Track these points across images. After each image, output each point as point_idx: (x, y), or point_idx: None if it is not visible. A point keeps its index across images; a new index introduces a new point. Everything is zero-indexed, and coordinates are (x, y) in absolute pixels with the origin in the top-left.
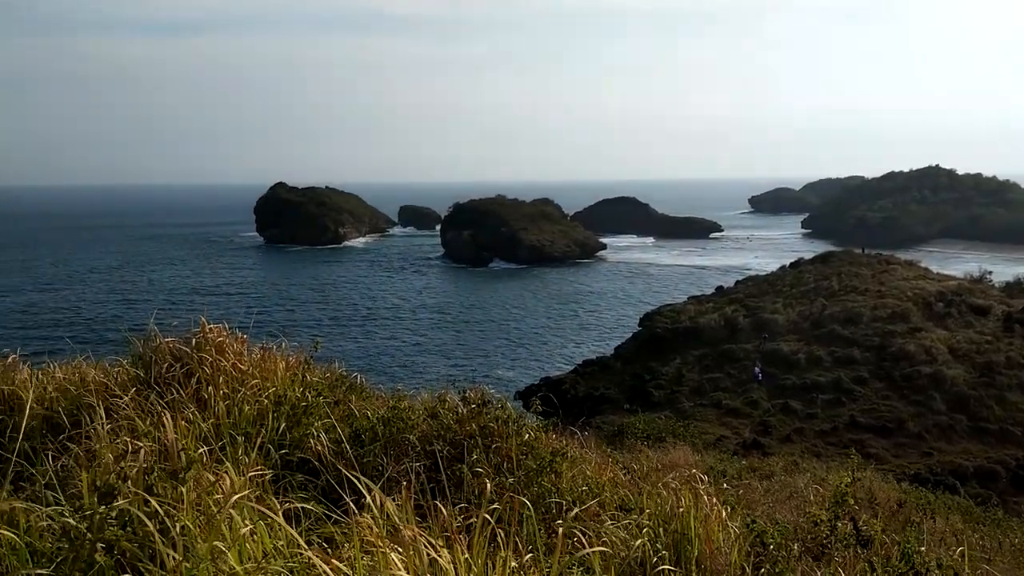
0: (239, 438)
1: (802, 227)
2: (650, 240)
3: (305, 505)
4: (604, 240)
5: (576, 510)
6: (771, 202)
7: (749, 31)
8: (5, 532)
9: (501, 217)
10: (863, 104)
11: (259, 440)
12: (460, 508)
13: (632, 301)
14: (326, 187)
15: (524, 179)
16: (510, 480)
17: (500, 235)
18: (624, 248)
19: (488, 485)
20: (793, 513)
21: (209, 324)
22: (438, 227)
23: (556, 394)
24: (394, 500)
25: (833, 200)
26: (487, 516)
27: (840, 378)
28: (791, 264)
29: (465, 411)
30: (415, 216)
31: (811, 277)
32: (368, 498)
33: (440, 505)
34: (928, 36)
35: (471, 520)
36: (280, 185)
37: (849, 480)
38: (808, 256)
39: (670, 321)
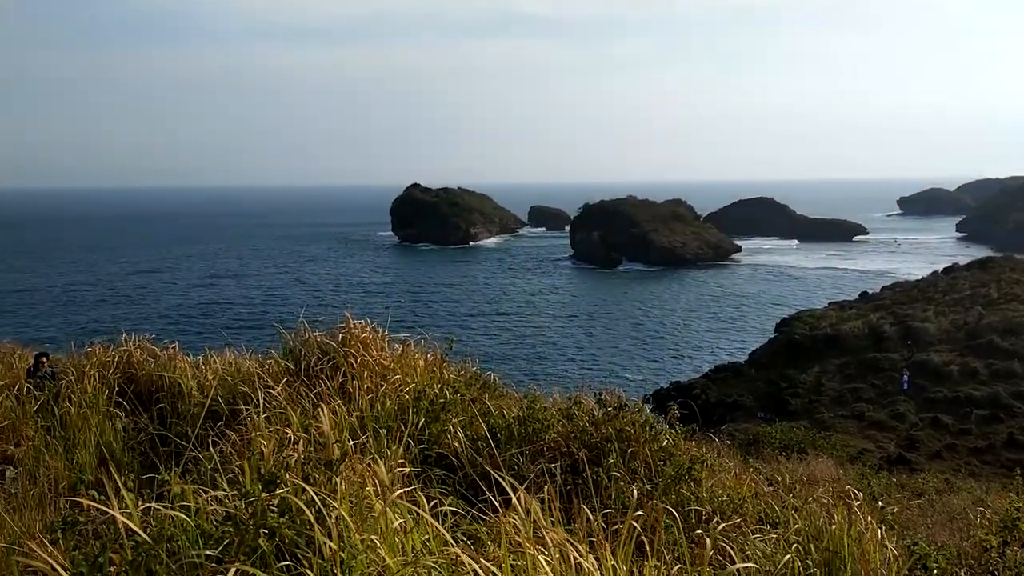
0: (382, 432)
1: (957, 230)
2: (792, 243)
3: (447, 501)
4: (739, 242)
5: (720, 522)
6: (923, 203)
7: (903, 22)
8: (177, 513)
9: (631, 218)
10: None
11: (401, 434)
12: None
13: (768, 306)
14: (458, 188)
15: (655, 179)
16: (648, 487)
17: (630, 236)
18: (760, 251)
19: (634, 491)
20: (956, 537)
21: (353, 320)
22: (568, 228)
23: (686, 399)
24: (539, 501)
25: (992, 202)
26: (633, 523)
27: (998, 393)
28: (944, 270)
29: (601, 414)
30: (545, 216)
31: (967, 284)
32: (513, 498)
33: (585, 509)
34: None
35: (616, 526)
36: (415, 186)
37: (1020, 503)
38: (963, 261)
39: (809, 327)
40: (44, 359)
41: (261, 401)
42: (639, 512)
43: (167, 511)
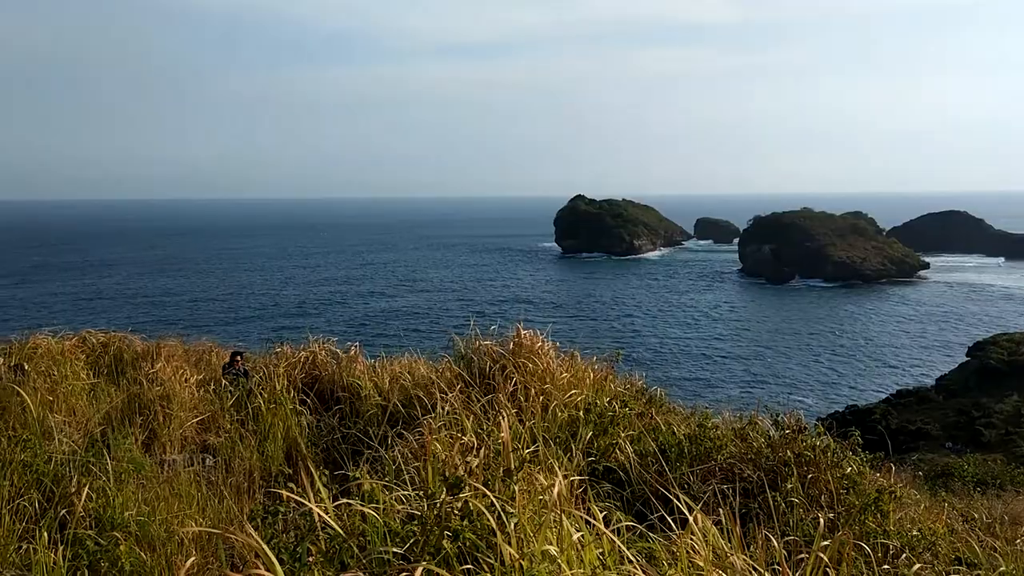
0: (552, 442)
1: None
2: (995, 261)
3: (614, 516)
4: (927, 259)
5: (909, 559)
6: None
7: None
8: (368, 510)
9: (806, 231)
10: None
11: (570, 446)
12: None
13: (959, 327)
14: (623, 199)
15: (831, 191)
16: (829, 515)
17: (804, 250)
18: (951, 268)
19: (821, 520)
20: None
21: (523, 330)
22: (735, 240)
23: (864, 425)
24: (716, 523)
25: None
26: (820, 554)
27: None
28: None
29: (778, 436)
30: (711, 229)
31: None
32: (690, 518)
33: (769, 535)
34: None
35: (800, 556)
36: (579, 197)
37: None
38: None
39: (1007, 352)
40: (239, 357)
41: (437, 406)
42: (826, 542)
43: (358, 507)
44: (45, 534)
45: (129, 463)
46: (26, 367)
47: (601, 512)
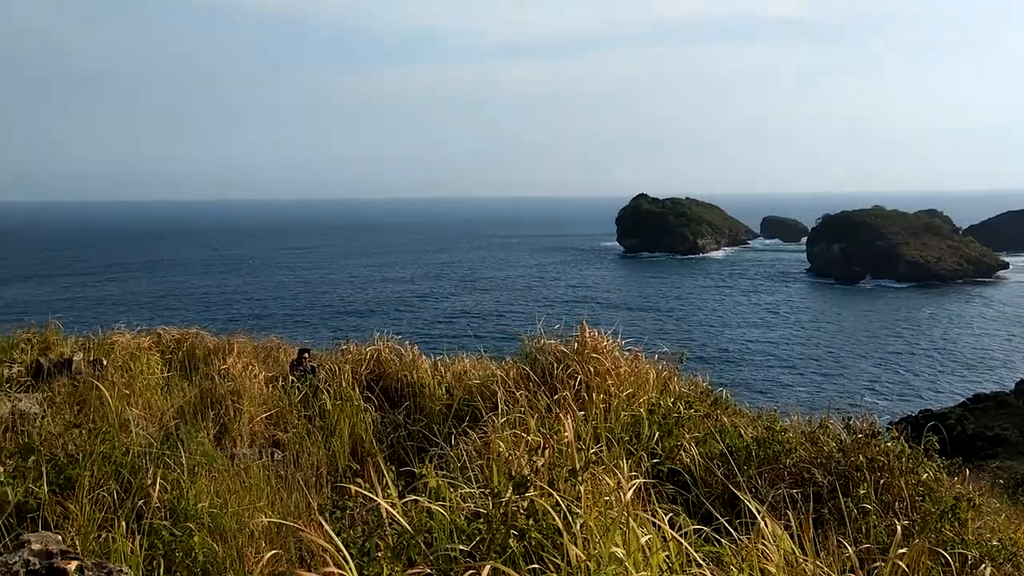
0: (615, 443)
1: None
2: None
3: (679, 519)
4: (1006, 258)
5: (989, 569)
6: None
7: None
8: (436, 507)
9: (877, 230)
10: None
11: (634, 447)
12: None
13: None
14: (686, 198)
15: (904, 189)
16: (904, 523)
17: (875, 249)
18: None
19: (899, 528)
20: None
21: (587, 329)
22: (803, 240)
23: (939, 430)
24: (786, 528)
25: None
26: (898, 561)
27: None
28: None
29: (850, 440)
30: (778, 228)
31: None
32: (760, 522)
33: (844, 542)
34: None
35: (875, 564)
36: (642, 196)
37: None
38: None
39: None
40: (306, 354)
41: (500, 405)
42: (902, 550)
43: (424, 504)
44: (123, 523)
45: (202, 456)
46: (104, 362)
47: (666, 515)
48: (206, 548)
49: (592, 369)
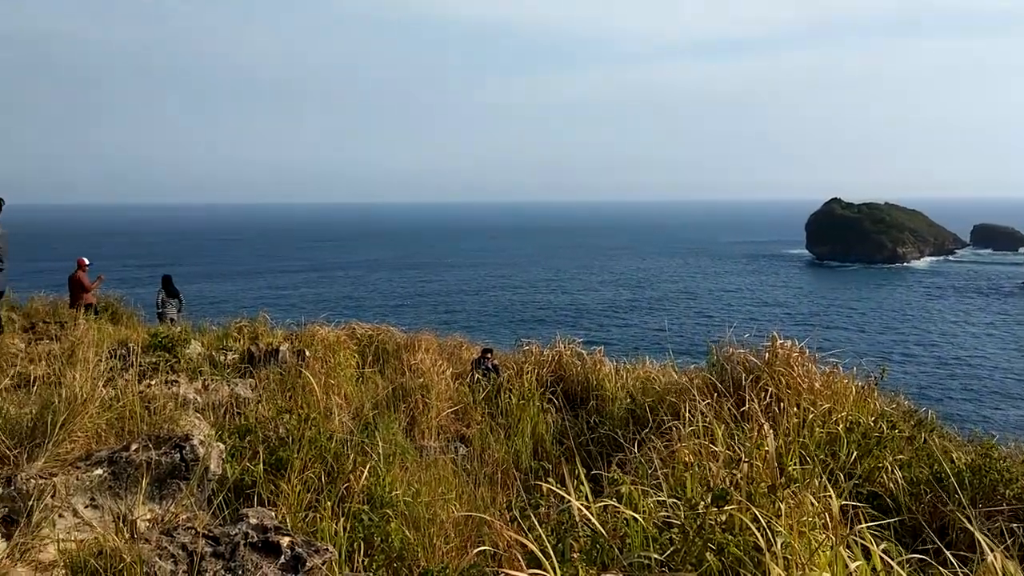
0: (809, 460)
1: None
2: None
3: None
4: None
5: None
6: None
7: None
8: (631, 513)
9: None
10: None
11: (829, 466)
12: None
13: None
14: (885, 203)
15: None
16: None
17: None
18: None
19: None
20: None
21: (780, 340)
22: (1021, 250)
23: None
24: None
25: None
26: None
27: None
28: None
29: None
30: (992, 235)
31: None
32: (989, 557)
33: None
34: None
35: None
36: (835, 201)
37: None
38: None
39: None
40: (489, 353)
41: (686, 413)
42: None
43: (619, 509)
44: (328, 505)
45: (395, 446)
46: (307, 353)
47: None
48: (401, 535)
49: (784, 381)
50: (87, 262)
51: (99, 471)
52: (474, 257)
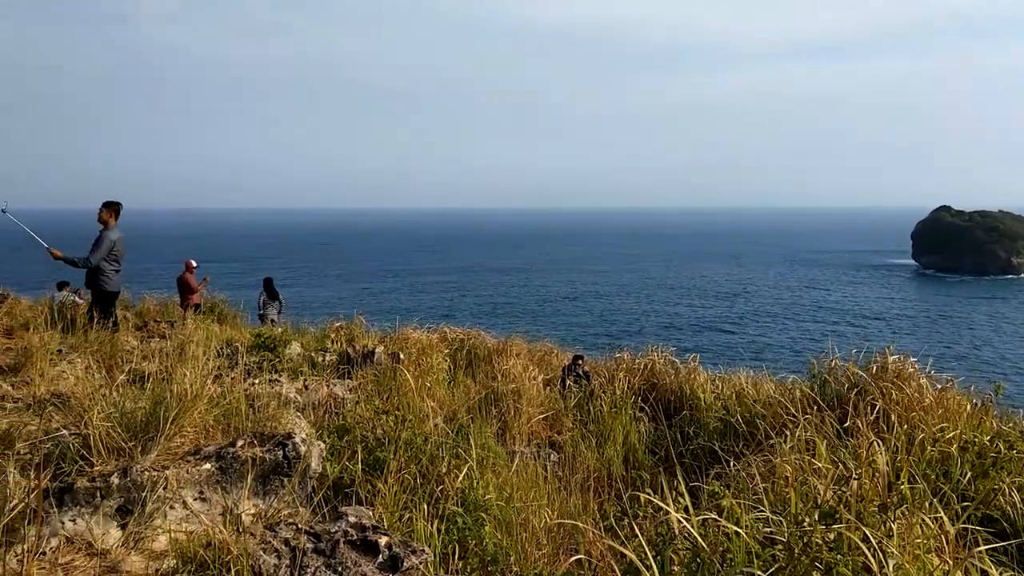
0: (920, 480)
1: None
2: None
3: (999, 571)
4: None
5: None
6: None
7: None
8: (732, 527)
9: None
10: None
11: (940, 487)
12: None
13: None
14: (998, 211)
15: None
16: None
17: None
18: None
19: None
20: None
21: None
22: None
23: None
24: None
25: None
26: None
27: None
28: None
29: None
30: None
31: None
32: None
33: None
34: None
35: None
36: (944, 208)
37: None
38: None
39: None
40: (580, 360)
41: (785, 427)
42: None
43: (721, 523)
44: (424, 506)
45: (487, 451)
46: (401, 355)
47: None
48: (494, 539)
49: (892, 396)
50: (195, 264)
51: (207, 465)
52: (565, 262)
